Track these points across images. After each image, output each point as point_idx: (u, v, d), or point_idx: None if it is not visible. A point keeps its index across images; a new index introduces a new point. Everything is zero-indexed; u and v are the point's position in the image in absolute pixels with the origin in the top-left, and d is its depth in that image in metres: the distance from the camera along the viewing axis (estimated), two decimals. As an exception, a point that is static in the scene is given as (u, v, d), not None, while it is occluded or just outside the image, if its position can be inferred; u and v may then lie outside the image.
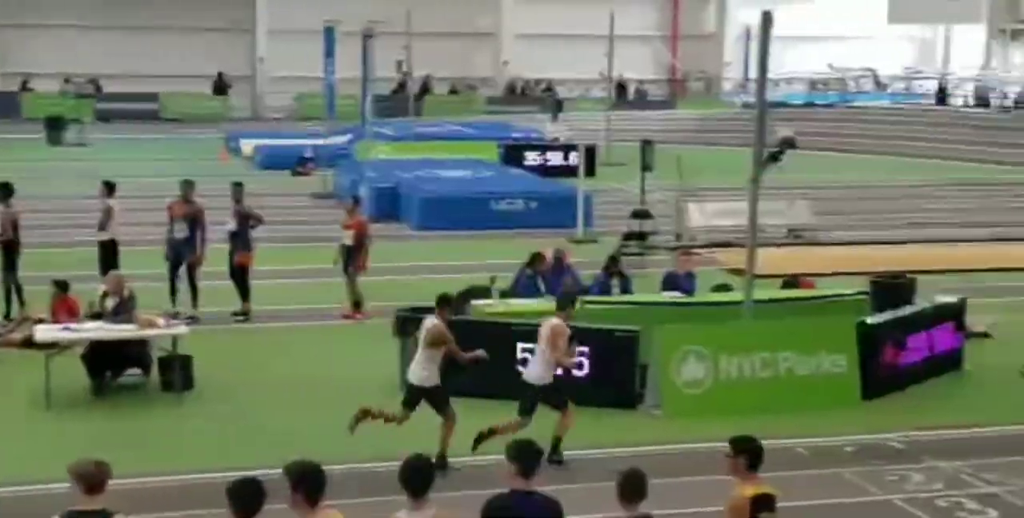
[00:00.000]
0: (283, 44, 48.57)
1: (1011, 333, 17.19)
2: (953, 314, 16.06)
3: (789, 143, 19.04)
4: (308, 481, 6.66)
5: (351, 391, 13.72)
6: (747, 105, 43.73)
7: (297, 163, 34.65)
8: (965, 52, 54.20)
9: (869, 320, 14.91)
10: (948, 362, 15.74)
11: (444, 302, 12.02)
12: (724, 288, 17.85)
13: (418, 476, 6.92)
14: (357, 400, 12.42)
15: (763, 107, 15.87)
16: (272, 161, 35.32)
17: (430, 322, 11.85)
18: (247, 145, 38.14)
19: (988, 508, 11.16)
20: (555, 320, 12.16)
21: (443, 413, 11.83)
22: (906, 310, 15.67)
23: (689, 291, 16.98)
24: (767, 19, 15.34)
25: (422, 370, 11.78)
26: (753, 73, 40.34)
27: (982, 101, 48.28)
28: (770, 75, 15.70)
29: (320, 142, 33.11)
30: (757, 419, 13.12)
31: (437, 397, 11.82)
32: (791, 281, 18.23)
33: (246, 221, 18.09)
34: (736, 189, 22.43)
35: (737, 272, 18.00)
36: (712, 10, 56.55)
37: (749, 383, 14.13)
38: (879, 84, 52.18)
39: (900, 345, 14.93)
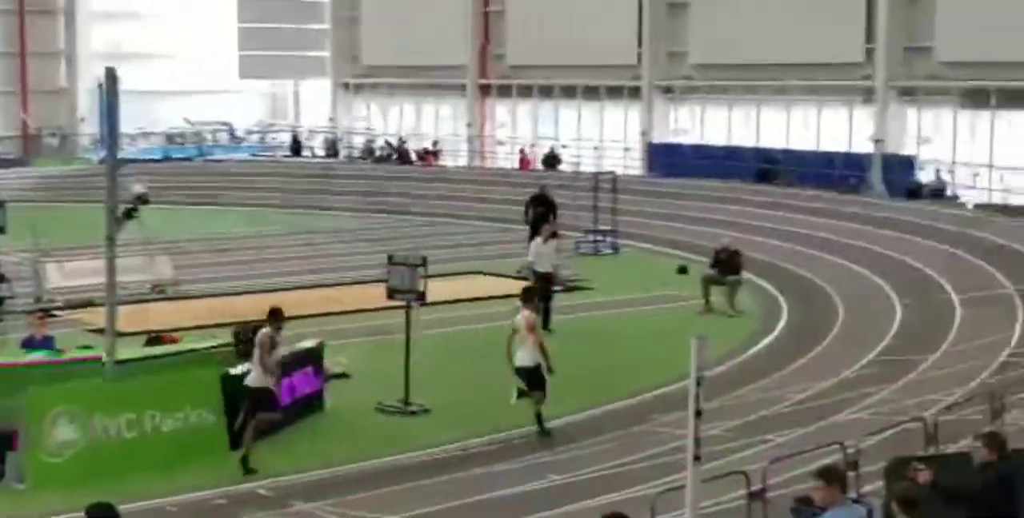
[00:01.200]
0: None
1: (362, 371, 18.23)
2: (312, 358, 16.81)
3: (142, 199, 19.11)
4: None
5: None
6: (104, 161, 42.92)
7: None
8: (316, 105, 56.72)
9: (232, 371, 15.25)
10: (311, 404, 16.46)
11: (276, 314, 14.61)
12: (86, 349, 17.46)
13: None
14: None
15: (113, 163, 15.84)
16: None
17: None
18: None
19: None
20: (526, 312, 15.28)
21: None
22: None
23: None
24: (111, 75, 15.39)
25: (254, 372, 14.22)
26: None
27: (332, 151, 50.78)
28: (126, 130, 15.70)
29: None
30: (128, 481, 13.10)
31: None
32: (155, 338, 18.24)
33: None
34: (95, 247, 22.03)
35: (100, 331, 17.71)
36: (62, 64, 55.11)
37: (118, 445, 13.98)
38: (235, 137, 53.28)
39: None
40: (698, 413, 7.96)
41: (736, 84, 40.18)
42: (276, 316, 14.70)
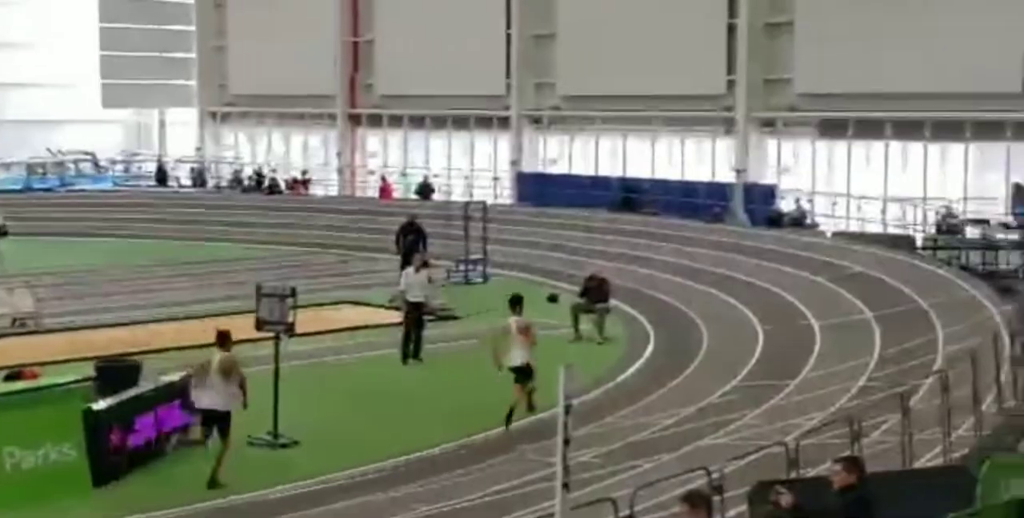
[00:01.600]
0: None
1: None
2: (179, 392, 16.52)
3: (1, 231, 18.70)
4: None
5: None
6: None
7: None
8: (182, 134, 55.91)
9: (94, 406, 14.94)
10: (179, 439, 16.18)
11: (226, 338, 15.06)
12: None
13: None
14: None
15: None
16: None
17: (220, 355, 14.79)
18: None
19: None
20: (518, 318, 17.31)
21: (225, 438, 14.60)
22: (131, 392, 15.88)
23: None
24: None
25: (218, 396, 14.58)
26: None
27: (199, 181, 50.13)
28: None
29: None
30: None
31: (226, 422, 14.59)
32: (15, 373, 17.81)
33: None
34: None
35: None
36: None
37: (-26, 484, 13.58)
38: (99, 167, 52.18)
39: (128, 427, 15.11)
40: (566, 441, 8.05)
41: (602, 114, 40.71)
42: (227, 338, 15.16)
